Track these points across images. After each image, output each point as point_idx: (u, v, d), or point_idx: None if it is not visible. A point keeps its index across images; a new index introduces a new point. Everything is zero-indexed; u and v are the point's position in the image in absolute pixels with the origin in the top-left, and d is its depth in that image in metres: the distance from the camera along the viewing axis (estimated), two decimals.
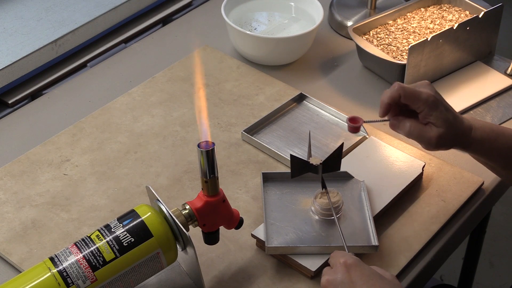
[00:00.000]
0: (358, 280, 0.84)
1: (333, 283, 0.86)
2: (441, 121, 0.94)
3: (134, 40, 1.40)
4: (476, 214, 1.09)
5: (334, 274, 0.86)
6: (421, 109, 0.94)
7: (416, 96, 0.94)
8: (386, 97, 0.96)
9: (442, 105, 0.95)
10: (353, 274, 0.85)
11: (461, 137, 0.97)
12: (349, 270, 0.86)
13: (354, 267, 0.86)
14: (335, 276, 0.86)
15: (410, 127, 0.95)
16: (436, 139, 0.94)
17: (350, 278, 0.85)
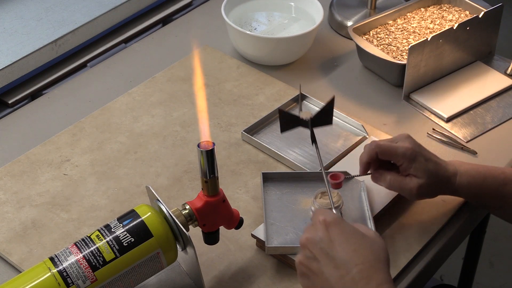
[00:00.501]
0: (337, 238, 0.82)
1: (312, 241, 0.83)
2: (421, 172, 0.96)
3: (134, 40, 1.40)
4: (476, 214, 1.09)
5: (313, 232, 0.84)
6: (400, 162, 0.97)
7: (393, 152, 0.97)
8: (364, 157, 1.00)
9: (422, 156, 0.97)
10: (332, 232, 0.82)
11: (446, 184, 0.98)
12: (328, 228, 0.83)
13: (333, 225, 0.83)
14: (314, 234, 0.83)
15: (390, 180, 0.99)
16: (417, 190, 0.97)
17: (329, 236, 0.82)
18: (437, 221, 1.03)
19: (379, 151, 0.97)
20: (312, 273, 0.83)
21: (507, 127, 1.20)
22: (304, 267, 0.84)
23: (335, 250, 0.81)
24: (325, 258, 0.82)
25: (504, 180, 0.99)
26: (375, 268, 0.80)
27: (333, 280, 0.81)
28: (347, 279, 0.80)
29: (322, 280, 0.82)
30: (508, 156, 1.15)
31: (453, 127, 1.19)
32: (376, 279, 0.80)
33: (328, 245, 0.82)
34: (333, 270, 0.81)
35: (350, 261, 0.80)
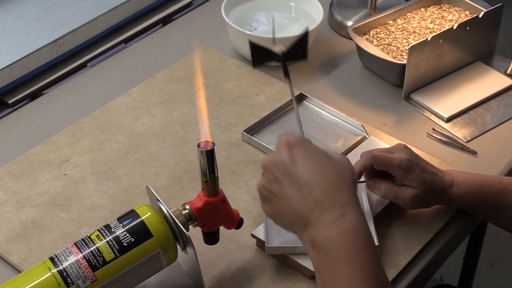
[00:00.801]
0: (300, 159, 0.80)
1: (274, 163, 0.81)
2: (417, 183, 0.96)
3: (134, 40, 1.40)
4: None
5: (276, 154, 0.82)
6: (396, 173, 0.97)
7: (388, 163, 0.97)
8: (358, 165, 1.00)
9: (418, 166, 0.97)
10: (295, 153, 0.80)
11: (441, 195, 0.99)
12: (291, 149, 0.80)
13: (297, 145, 0.81)
14: (277, 156, 0.81)
15: (385, 189, 0.99)
16: (411, 200, 0.97)
17: (291, 157, 0.80)
18: (437, 221, 1.03)
19: (375, 161, 0.98)
20: (275, 197, 0.81)
21: (507, 127, 1.20)
22: (266, 191, 0.82)
23: (297, 171, 0.79)
24: (288, 179, 0.79)
25: (502, 189, 0.99)
26: (340, 189, 0.78)
27: (296, 202, 0.79)
28: (310, 200, 0.78)
29: (284, 203, 0.80)
30: (508, 156, 1.15)
31: (453, 127, 1.19)
32: (341, 200, 0.78)
33: (291, 166, 0.80)
34: (295, 192, 0.79)
35: (313, 182, 0.78)
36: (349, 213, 0.77)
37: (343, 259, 0.75)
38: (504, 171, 1.12)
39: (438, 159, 1.12)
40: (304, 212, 0.79)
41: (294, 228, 0.81)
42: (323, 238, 0.77)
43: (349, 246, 0.76)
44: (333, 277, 0.75)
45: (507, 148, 1.16)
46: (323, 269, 0.77)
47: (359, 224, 0.77)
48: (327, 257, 0.76)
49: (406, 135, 1.18)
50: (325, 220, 0.77)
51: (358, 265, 0.75)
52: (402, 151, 0.98)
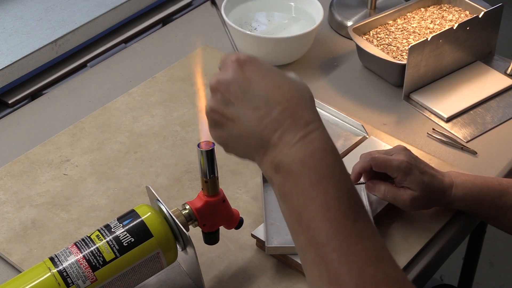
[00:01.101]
0: (254, 76, 0.72)
1: (225, 83, 0.73)
2: (416, 185, 0.96)
3: (134, 40, 1.40)
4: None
5: (224, 73, 0.74)
6: (395, 175, 0.97)
7: (388, 165, 0.97)
8: (357, 167, 0.99)
9: (417, 168, 0.96)
10: (248, 71, 0.73)
11: (441, 196, 0.98)
12: (242, 67, 0.73)
13: (248, 63, 0.73)
14: (227, 75, 0.73)
15: (385, 191, 0.98)
16: (410, 202, 0.97)
17: (244, 75, 0.73)
18: (437, 221, 1.03)
19: (374, 163, 0.98)
20: (227, 120, 0.74)
21: (507, 127, 1.20)
22: (216, 114, 0.75)
23: (253, 89, 0.72)
24: (242, 99, 0.72)
25: (501, 191, 0.99)
26: (302, 106, 0.72)
27: (253, 124, 0.72)
28: (269, 120, 0.71)
29: (239, 126, 0.73)
30: (508, 156, 1.15)
31: (453, 127, 1.19)
32: (304, 118, 0.71)
33: (244, 84, 0.72)
34: (251, 112, 0.72)
35: (271, 99, 0.71)
36: (315, 131, 0.71)
37: (315, 180, 0.68)
38: (504, 171, 1.12)
39: (438, 159, 1.12)
40: (263, 134, 0.71)
41: (252, 153, 0.74)
42: (290, 159, 0.70)
43: (321, 165, 0.69)
44: (305, 201, 0.68)
45: (507, 148, 1.16)
46: (292, 194, 0.69)
47: (327, 142, 0.71)
48: (296, 180, 0.69)
49: (406, 135, 1.18)
50: (289, 140, 0.70)
51: (333, 186, 0.68)
52: (401, 153, 0.98)
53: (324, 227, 0.67)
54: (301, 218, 0.69)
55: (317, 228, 0.67)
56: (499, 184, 0.99)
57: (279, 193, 0.71)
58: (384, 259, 0.67)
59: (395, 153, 0.98)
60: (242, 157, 0.77)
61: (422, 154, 1.12)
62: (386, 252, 0.68)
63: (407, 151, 0.99)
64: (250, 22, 1.35)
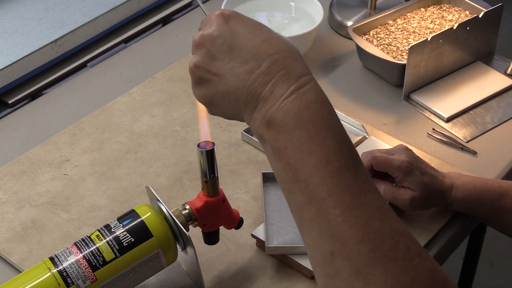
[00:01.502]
0: (241, 30, 0.69)
1: (210, 37, 0.69)
2: (416, 185, 0.96)
3: (134, 40, 1.40)
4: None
5: (209, 27, 0.70)
6: (396, 175, 0.97)
7: (388, 164, 0.97)
8: None
9: (418, 169, 0.96)
10: (234, 24, 0.70)
11: (440, 197, 0.98)
12: (228, 21, 0.70)
13: (234, 17, 0.70)
14: (210, 29, 0.70)
15: (384, 190, 0.98)
16: (410, 202, 0.97)
17: (230, 29, 0.69)
18: (437, 221, 1.03)
19: (375, 162, 0.98)
20: (213, 75, 0.70)
21: (507, 127, 1.20)
22: (201, 70, 0.71)
23: (240, 43, 0.69)
24: (228, 53, 0.69)
25: (501, 194, 0.98)
26: (292, 58, 0.69)
27: (242, 77, 0.68)
28: (259, 73, 0.68)
29: (226, 81, 0.69)
30: (508, 156, 1.15)
31: (453, 127, 1.19)
32: (296, 70, 0.68)
33: (231, 38, 0.69)
34: (239, 66, 0.68)
35: (260, 52, 0.68)
36: (308, 83, 0.67)
37: (312, 133, 0.65)
38: (504, 171, 1.12)
39: (438, 159, 1.12)
40: (252, 87, 0.68)
41: (240, 110, 0.70)
42: (284, 113, 0.66)
43: (318, 117, 0.66)
44: (302, 156, 0.65)
45: (507, 148, 1.16)
46: (288, 149, 0.65)
47: (321, 94, 0.68)
48: (292, 134, 0.65)
49: (406, 135, 1.18)
50: (281, 93, 0.67)
51: (331, 138, 0.65)
52: (402, 153, 0.98)
53: (325, 182, 0.64)
54: (298, 174, 0.65)
55: (317, 183, 0.64)
56: (499, 186, 0.99)
57: (272, 150, 0.67)
58: (388, 212, 0.64)
59: (396, 153, 0.98)
60: (229, 117, 0.72)
61: (422, 154, 1.12)
62: (388, 206, 0.65)
63: (409, 151, 0.99)
64: None
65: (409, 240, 0.63)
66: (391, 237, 0.62)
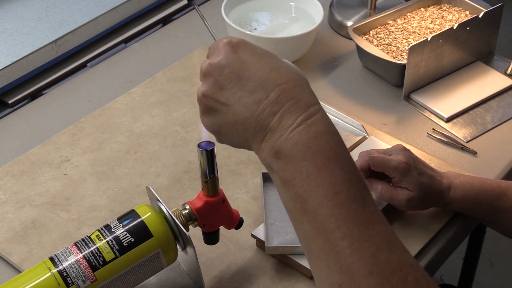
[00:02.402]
0: (249, 59, 0.69)
1: (218, 66, 0.70)
2: (413, 186, 0.96)
3: (134, 40, 1.40)
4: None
5: (217, 56, 0.70)
6: (393, 175, 0.97)
7: (386, 165, 0.96)
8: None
9: (415, 169, 0.96)
10: (242, 53, 0.70)
11: (438, 198, 0.98)
12: (236, 49, 0.70)
13: (242, 45, 0.70)
14: (220, 58, 0.70)
15: (381, 190, 0.98)
16: (407, 202, 0.97)
17: (238, 58, 0.69)
18: (437, 221, 1.03)
19: (372, 163, 0.98)
20: (222, 105, 0.70)
21: (507, 127, 1.20)
22: (209, 99, 0.71)
23: (248, 72, 0.69)
24: (237, 82, 0.69)
25: (499, 194, 0.98)
26: (301, 88, 0.68)
27: (249, 108, 0.68)
28: (267, 103, 0.67)
29: (235, 111, 0.69)
30: (508, 156, 1.15)
31: (453, 127, 1.19)
32: (304, 100, 0.67)
33: (239, 67, 0.69)
34: (247, 96, 0.68)
35: (269, 82, 0.68)
36: (316, 113, 0.67)
37: (321, 164, 0.65)
38: (504, 171, 1.12)
39: (438, 159, 1.12)
40: (261, 118, 0.68)
41: (248, 139, 0.70)
42: (293, 144, 0.66)
43: (326, 148, 0.66)
44: (310, 187, 0.65)
45: (507, 148, 1.16)
46: (296, 180, 0.65)
47: (330, 125, 0.68)
48: (300, 165, 0.65)
49: (406, 135, 1.18)
50: (289, 123, 0.66)
51: (340, 169, 0.65)
52: (400, 153, 0.98)
53: (333, 213, 0.64)
54: (307, 205, 0.65)
55: (325, 214, 0.64)
56: (498, 187, 0.99)
57: (281, 180, 0.67)
58: (396, 243, 0.64)
59: (394, 153, 0.98)
60: (238, 146, 0.73)
61: (422, 154, 1.12)
62: (396, 237, 0.65)
63: (406, 151, 0.99)
64: (250, 22, 1.35)
65: (418, 272, 0.63)
66: (400, 269, 0.62)
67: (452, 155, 1.14)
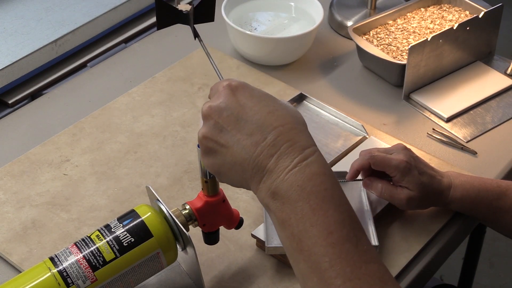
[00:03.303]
0: (248, 102, 0.72)
1: (217, 109, 0.72)
2: (413, 185, 0.96)
3: (134, 40, 1.40)
4: None
5: (217, 99, 0.73)
6: (393, 174, 0.97)
7: (386, 164, 0.97)
8: (355, 164, 0.99)
9: (416, 168, 0.96)
10: (241, 96, 0.72)
11: (438, 197, 0.98)
12: (235, 92, 0.72)
13: (241, 88, 0.73)
14: (219, 101, 0.72)
15: (382, 189, 0.98)
16: (407, 201, 0.97)
17: (236, 101, 0.72)
18: (437, 221, 1.03)
19: (373, 162, 0.98)
20: (221, 147, 0.72)
21: (507, 127, 1.20)
22: (209, 141, 0.73)
23: (246, 115, 0.71)
24: (235, 125, 0.71)
25: (499, 194, 0.98)
26: (297, 131, 0.71)
27: (248, 149, 0.71)
28: (264, 146, 0.70)
29: (233, 152, 0.72)
30: (508, 156, 1.15)
31: (453, 127, 1.19)
32: (300, 142, 0.70)
33: (238, 110, 0.71)
34: (246, 138, 0.71)
35: (266, 125, 0.70)
36: (311, 156, 0.70)
37: (315, 205, 0.68)
38: (504, 171, 1.12)
39: (438, 159, 1.12)
40: (258, 160, 0.70)
41: (247, 180, 0.72)
42: (288, 185, 0.69)
43: (320, 190, 0.68)
44: (305, 227, 0.67)
45: (507, 148, 1.16)
46: (291, 220, 0.68)
47: (325, 166, 0.70)
48: (295, 206, 0.68)
49: (406, 135, 1.18)
50: (286, 165, 0.69)
51: (333, 210, 0.68)
52: (401, 152, 0.98)
53: (327, 252, 0.67)
54: (302, 245, 0.68)
55: (319, 253, 0.67)
56: (498, 186, 0.99)
57: (277, 220, 0.70)
58: (389, 281, 0.66)
59: (394, 152, 0.98)
60: (237, 186, 0.75)
61: (422, 154, 1.12)
62: (389, 275, 0.67)
63: (407, 150, 0.99)
64: (250, 22, 1.35)
65: None
66: None
67: (452, 155, 1.14)
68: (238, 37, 1.29)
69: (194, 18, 0.87)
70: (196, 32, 0.88)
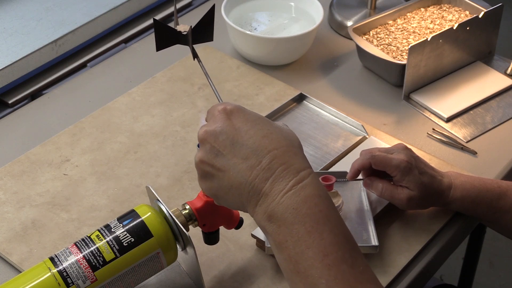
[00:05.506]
0: (242, 126, 0.73)
1: (213, 134, 0.73)
2: (414, 185, 0.96)
3: (134, 40, 1.40)
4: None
5: (213, 123, 0.74)
6: (394, 174, 0.97)
7: (387, 163, 0.97)
8: (356, 164, 0.99)
9: (417, 168, 0.96)
10: (236, 120, 0.73)
11: (439, 197, 0.98)
12: (230, 116, 0.74)
13: (236, 112, 0.74)
14: (215, 125, 0.74)
15: (382, 189, 0.98)
16: (407, 201, 0.97)
17: (232, 125, 0.73)
18: (437, 221, 1.03)
19: (373, 161, 0.98)
20: (217, 171, 0.74)
21: (507, 127, 1.20)
22: (205, 165, 0.74)
23: (241, 139, 0.72)
24: (231, 149, 0.72)
25: (499, 194, 0.98)
26: (291, 153, 0.72)
27: (244, 173, 0.72)
28: (259, 169, 0.71)
29: (230, 176, 0.73)
30: (508, 156, 1.15)
31: (453, 127, 1.19)
32: (295, 165, 0.71)
33: (233, 134, 0.73)
34: (242, 162, 0.72)
35: (261, 148, 0.71)
36: (306, 178, 0.71)
37: (310, 227, 0.69)
38: (504, 171, 1.12)
39: (438, 159, 1.12)
40: (254, 183, 0.71)
41: (244, 203, 0.73)
42: (284, 208, 0.70)
43: (315, 212, 0.69)
44: (301, 249, 0.68)
45: (507, 148, 1.16)
46: (288, 242, 0.69)
47: (319, 188, 0.71)
48: (291, 228, 0.69)
49: (406, 135, 1.18)
50: (281, 188, 0.70)
51: (328, 231, 0.69)
52: (401, 152, 0.98)
53: (323, 274, 0.67)
54: (299, 267, 0.69)
55: (315, 275, 0.68)
56: (498, 187, 0.99)
57: (274, 242, 0.71)
58: None
59: (395, 152, 0.98)
60: (234, 208, 0.76)
61: (422, 154, 1.12)
62: None
63: (408, 150, 0.99)
64: (250, 22, 1.35)
65: None
66: None
67: (452, 155, 1.14)
68: (238, 37, 1.29)
69: (192, 38, 0.87)
70: (195, 53, 0.88)
